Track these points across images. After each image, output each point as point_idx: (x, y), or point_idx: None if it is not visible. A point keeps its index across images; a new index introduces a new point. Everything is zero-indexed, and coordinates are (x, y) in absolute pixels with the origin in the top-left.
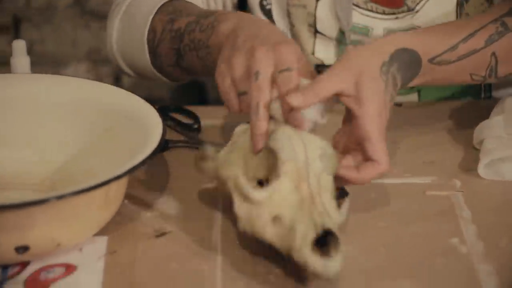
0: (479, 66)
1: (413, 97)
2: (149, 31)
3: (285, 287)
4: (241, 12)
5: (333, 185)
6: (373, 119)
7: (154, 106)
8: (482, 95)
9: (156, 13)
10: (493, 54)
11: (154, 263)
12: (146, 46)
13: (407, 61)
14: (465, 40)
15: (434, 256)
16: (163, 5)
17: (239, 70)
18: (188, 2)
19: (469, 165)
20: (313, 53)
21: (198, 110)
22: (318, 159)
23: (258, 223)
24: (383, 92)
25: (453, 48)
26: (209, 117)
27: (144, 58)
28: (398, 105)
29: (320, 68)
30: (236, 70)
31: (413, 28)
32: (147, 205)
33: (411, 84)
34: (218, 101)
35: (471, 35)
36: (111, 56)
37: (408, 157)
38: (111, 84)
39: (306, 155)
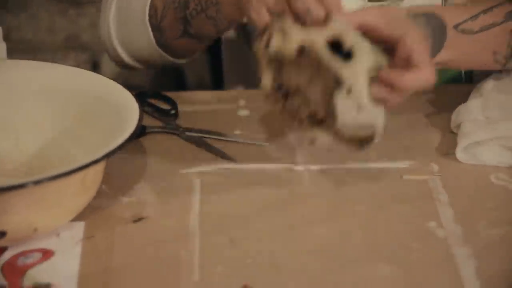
0: (500, 42)
1: None
2: (149, 8)
3: (261, 271)
4: None
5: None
6: (418, 35)
7: (131, 92)
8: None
9: None
10: None
11: (132, 248)
12: (148, 25)
13: (432, 24)
14: (485, 12)
15: (412, 240)
16: None
17: None
18: None
19: (447, 149)
20: None
21: (176, 95)
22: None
23: None
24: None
25: (475, 17)
26: (187, 103)
27: (146, 39)
28: None
29: None
30: None
31: None
32: (125, 190)
33: (438, 58)
34: (196, 87)
35: (490, 9)
36: (109, 46)
37: (385, 141)
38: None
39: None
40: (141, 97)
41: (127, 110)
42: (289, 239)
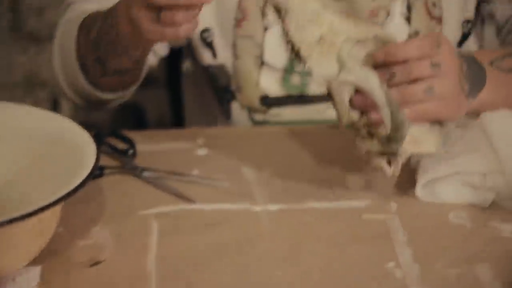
0: None
1: None
2: (76, 51)
3: None
4: None
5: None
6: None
7: (89, 132)
8: None
9: (79, 29)
10: None
11: None
12: (77, 64)
13: (473, 64)
14: (509, 55)
15: (370, 280)
16: (84, 20)
17: None
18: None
19: (406, 185)
20: (257, 85)
21: (134, 134)
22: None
23: None
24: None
25: (501, 59)
26: (145, 142)
27: (80, 79)
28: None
29: (265, 100)
30: None
31: None
32: (82, 233)
33: (482, 94)
34: (157, 125)
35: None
36: (56, 81)
37: (344, 179)
38: (50, 109)
39: None
40: (98, 137)
41: (84, 151)
42: (248, 281)
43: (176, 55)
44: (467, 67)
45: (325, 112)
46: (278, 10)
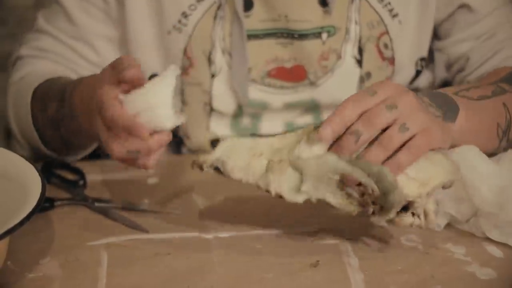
0: (500, 113)
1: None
2: (32, 118)
3: None
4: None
5: None
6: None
7: (35, 164)
8: None
9: (33, 98)
10: (505, 105)
11: None
12: (35, 132)
13: (436, 94)
14: (474, 87)
15: None
16: (36, 90)
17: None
18: (49, 80)
19: None
20: (207, 129)
21: (84, 165)
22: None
23: None
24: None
25: (467, 89)
26: (95, 172)
27: (41, 146)
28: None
29: (215, 143)
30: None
31: (314, 100)
32: (31, 266)
33: (460, 124)
34: (108, 155)
35: (477, 87)
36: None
37: (295, 204)
38: (3, 140)
39: None
40: (47, 168)
41: (30, 185)
42: None
43: None
44: (429, 97)
45: None
46: (221, 172)
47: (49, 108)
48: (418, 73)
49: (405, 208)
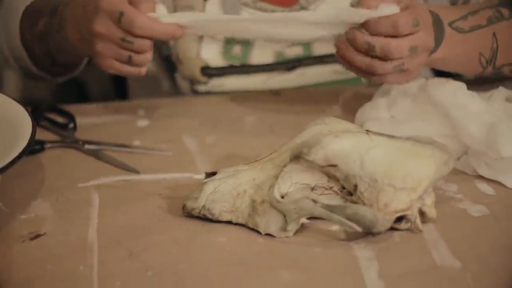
0: (485, 44)
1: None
2: (21, 35)
3: (163, 283)
4: None
5: None
6: None
7: (26, 107)
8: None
9: (23, 15)
10: (494, 35)
11: (30, 266)
12: (23, 50)
13: (435, 19)
14: (471, 13)
15: (313, 246)
16: (28, 7)
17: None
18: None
19: None
20: (198, 56)
21: (74, 108)
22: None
23: None
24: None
25: (464, 17)
26: (85, 115)
27: (28, 64)
28: (276, 93)
29: (205, 70)
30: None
31: None
32: (22, 207)
33: (436, 55)
34: (100, 98)
35: (475, 12)
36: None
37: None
38: None
39: None
40: (37, 111)
41: (20, 126)
42: (191, 249)
43: None
44: (433, 26)
45: (267, 81)
46: (209, 219)
47: (39, 23)
48: None
49: (400, 218)
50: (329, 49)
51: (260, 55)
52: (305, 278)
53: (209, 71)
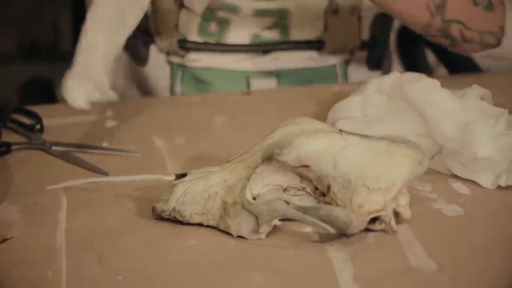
0: None
1: (272, 83)
2: None
3: (134, 286)
4: None
5: None
6: None
7: None
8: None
9: None
10: None
11: None
12: None
13: None
14: None
15: (285, 248)
16: None
17: None
18: None
19: None
20: (176, 28)
21: (40, 109)
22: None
23: None
24: None
25: None
26: (52, 116)
27: None
28: (246, 93)
29: (182, 43)
30: None
31: (284, 10)
32: None
33: None
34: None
35: None
36: None
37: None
38: None
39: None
40: (3, 113)
41: None
42: (161, 252)
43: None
44: None
45: (242, 62)
46: (180, 222)
47: None
48: None
49: (374, 219)
50: (307, 34)
51: (236, 36)
52: (278, 280)
53: (186, 45)
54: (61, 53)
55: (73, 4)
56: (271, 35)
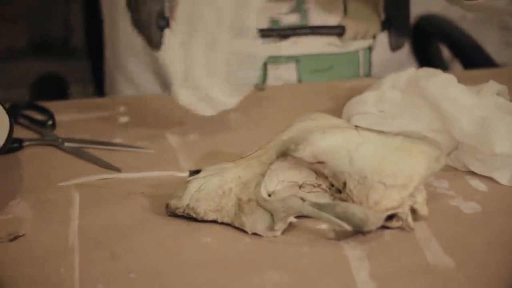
0: None
1: (290, 68)
2: None
3: (146, 285)
4: None
5: None
6: None
7: (3, 104)
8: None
9: None
10: None
11: (9, 269)
12: None
13: None
14: None
15: (301, 246)
16: None
17: None
18: None
19: None
20: None
21: (52, 105)
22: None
23: None
24: None
25: None
26: (64, 112)
27: None
28: (260, 89)
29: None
30: None
31: None
32: (0, 208)
33: None
34: (79, 95)
35: None
36: None
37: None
38: None
39: None
40: (14, 109)
41: None
42: (175, 249)
43: (97, 24)
44: None
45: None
46: (194, 219)
47: None
48: None
49: (390, 216)
50: (326, 19)
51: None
52: (294, 278)
53: None
54: (72, 49)
55: (84, 0)
56: (290, 20)
